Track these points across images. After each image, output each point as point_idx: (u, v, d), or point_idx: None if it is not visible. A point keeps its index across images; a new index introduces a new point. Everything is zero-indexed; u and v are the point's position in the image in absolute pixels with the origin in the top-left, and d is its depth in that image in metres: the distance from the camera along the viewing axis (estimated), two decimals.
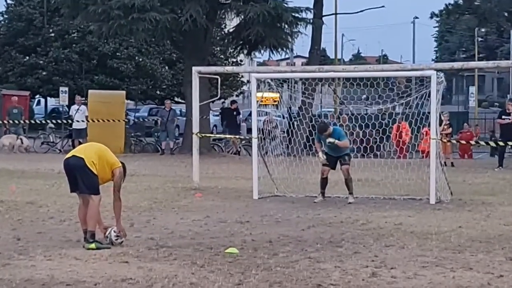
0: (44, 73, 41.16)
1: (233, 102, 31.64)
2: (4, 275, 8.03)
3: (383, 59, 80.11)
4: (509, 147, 23.22)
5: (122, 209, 12.51)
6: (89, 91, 31.45)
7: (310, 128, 16.78)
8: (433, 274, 8.21)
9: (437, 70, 15.56)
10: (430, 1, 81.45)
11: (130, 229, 10.65)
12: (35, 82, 40.75)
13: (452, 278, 8.03)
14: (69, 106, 33.39)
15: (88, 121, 27.67)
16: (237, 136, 26.81)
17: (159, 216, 12.68)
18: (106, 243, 9.67)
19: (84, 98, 29.77)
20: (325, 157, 14.67)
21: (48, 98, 45.57)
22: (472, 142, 24.73)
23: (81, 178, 9.40)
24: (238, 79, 45.16)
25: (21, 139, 27.57)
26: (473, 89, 55.57)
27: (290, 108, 22.62)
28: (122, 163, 9.96)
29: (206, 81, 21.92)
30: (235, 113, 28.95)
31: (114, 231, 9.91)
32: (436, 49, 74.11)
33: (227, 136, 28.45)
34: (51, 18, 40.65)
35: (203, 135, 20.37)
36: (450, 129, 24.39)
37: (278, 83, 19.40)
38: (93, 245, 9.38)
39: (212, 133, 28.24)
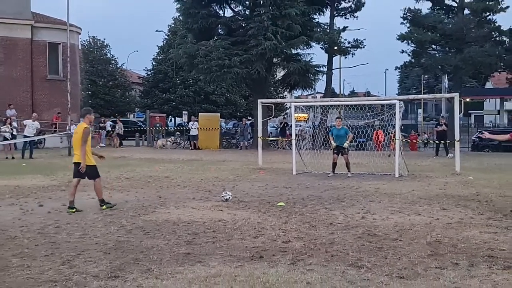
0: (173, 103, 53.26)
1: (284, 119, 39.64)
2: (152, 217, 9.85)
3: (367, 93, 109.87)
4: (441, 144, 27.54)
5: (218, 181, 15.69)
6: (199, 113, 39.61)
7: (326, 134, 20.61)
8: (398, 218, 9.81)
9: (399, 100, 18.95)
10: (395, 60, 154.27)
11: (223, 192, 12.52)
12: (168, 109, 53.14)
13: (409, 220, 9.61)
14: (187, 122, 42.51)
15: (198, 130, 35.18)
16: (284, 138, 32.73)
17: (240, 184, 15.18)
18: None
19: (196, 117, 37.27)
20: (335, 144, 17.88)
21: (176, 118, 57.76)
22: (419, 141, 32.77)
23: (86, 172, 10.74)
24: (284, 105, 54.19)
25: (171, 140, 35.08)
26: (420, 110, 72.08)
27: (313, 122, 28.77)
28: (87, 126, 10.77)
29: (265, 107, 26.23)
30: (285, 125, 35.23)
31: (226, 193, 11.95)
32: (399, 87, 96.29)
33: (277, 138, 35.64)
34: (177, 72, 51.61)
35: (263, 138, 24.61)
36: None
37: (307, 108, 25.46)
38: (104, 207, 10.81)
39: (268, 136, 36.07)
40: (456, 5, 38.95)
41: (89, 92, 56.94)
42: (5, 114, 31.87)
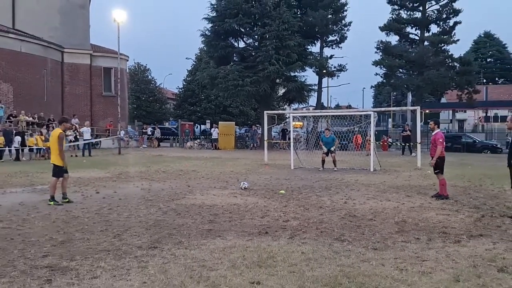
0: (199, 114, 52.55)
1: (284, 126, 39.86)
2: (182, 202, 9.89)
3: (349, 106, 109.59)
4: (407, 146, 27.96)
5: (234, 174, 15.83)
6: (219, 122, 39.23)
7: (317, 138, 20.69)
8: (372, 202, 9.92)
9: (374, 111, 19.14)
10: (371, 80, 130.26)
11: (239, 183, 12.70)
12: (195, 118, 52.10)
13: (381, 204, 9.73)
14: (210, 129, 42.49)
15: (218, 135, 35.31)
16: (285, 141, 32.79)
17: (250, 176, 15.32)
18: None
19: (217, 125, 37.45)
20: (326, 149, 18.33)
21: (201, 125, 56.66)
22: (389, 143, 32.05)
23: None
24: (284, 116, 54.59)
25: (197, 142, 34.99)
26: (390, 119, 72.62)
27: (307, 129, 28.81)
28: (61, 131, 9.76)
29: (270, 117, 26.96)
30: (286, 131, 35.01)
31: (244, 183, 12.02)
32: (373, 102, 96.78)
33: (279, 141, 35.43)
34: (202, 90, 50.74)
35: (268, 140, 25.67)
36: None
37: (302, 117, 26.30)
38: (52, 203, 9.56)
39: (273, 139, 36.08)
40: (418, 38, 39.13)
41: (134, 105, 57.44)
42: (70, 122, 32.47)
